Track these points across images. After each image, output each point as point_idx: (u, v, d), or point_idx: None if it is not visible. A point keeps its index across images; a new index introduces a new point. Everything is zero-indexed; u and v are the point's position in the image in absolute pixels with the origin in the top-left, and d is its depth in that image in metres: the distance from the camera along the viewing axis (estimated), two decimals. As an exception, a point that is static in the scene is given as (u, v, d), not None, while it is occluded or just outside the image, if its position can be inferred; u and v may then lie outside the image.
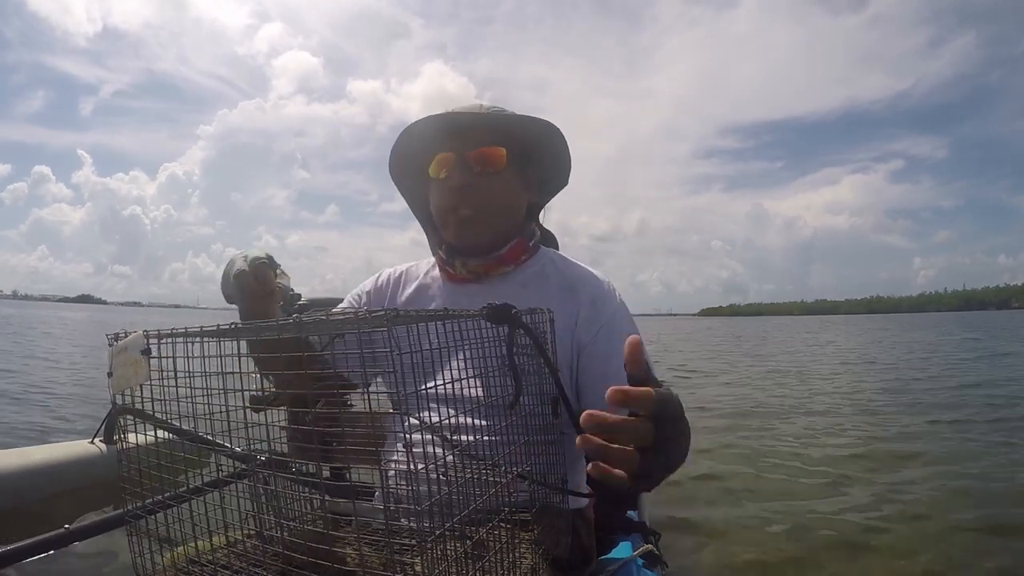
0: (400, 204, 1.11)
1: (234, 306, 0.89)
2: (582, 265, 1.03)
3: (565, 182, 1.06)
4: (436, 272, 1.05)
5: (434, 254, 1.07)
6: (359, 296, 1.10)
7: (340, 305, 1.12)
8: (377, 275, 1.12)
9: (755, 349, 14.47)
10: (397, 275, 1.10)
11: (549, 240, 1.09)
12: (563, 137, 0.99)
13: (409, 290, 1.05)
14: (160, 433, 0.64)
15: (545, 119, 0.96)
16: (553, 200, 1.09)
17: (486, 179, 0.94)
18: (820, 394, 6.06)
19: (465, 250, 0.99)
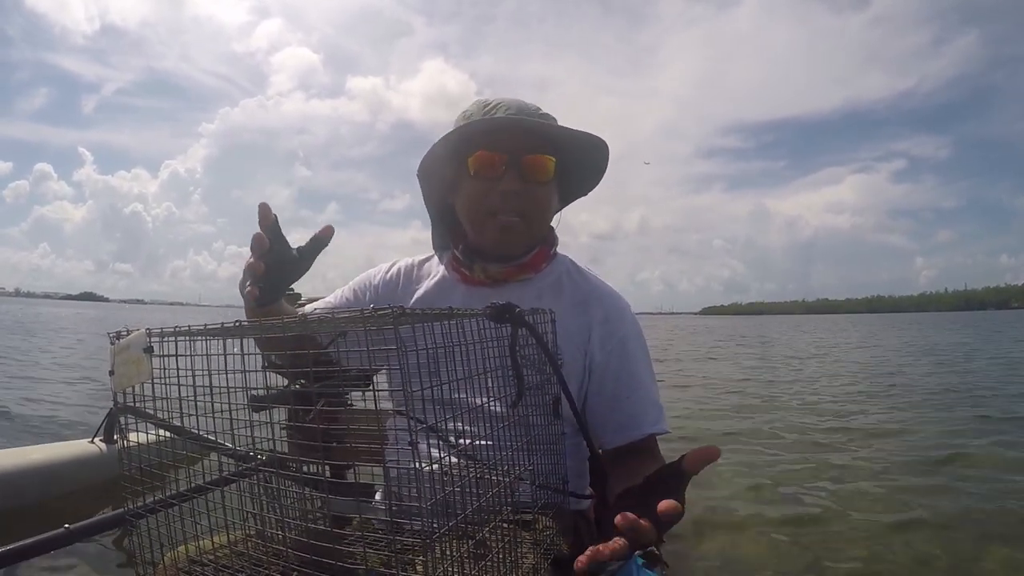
0: (400, 202, 1.10)
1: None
2: (596, 277, 1.01)
3: (586, 193, 1.04)
4: (448, 272, 1.01)
5: (437, 249, 1.04)
6: (366, 287, 1.05)
7: (340, 292, 1.06)
8: (390, 265, 1.07)
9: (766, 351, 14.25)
10: (408, 269, 1.05)
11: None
12: (607, 155, 0.96)
13: (420, 288, 1.01)
14: (161, 432, 0.64)
15: (597, 135, 0.93)
16: None
17: (535, 188, 0.91)
18: (823, 396, 6.04)
19: (489, 254, 0.95)
